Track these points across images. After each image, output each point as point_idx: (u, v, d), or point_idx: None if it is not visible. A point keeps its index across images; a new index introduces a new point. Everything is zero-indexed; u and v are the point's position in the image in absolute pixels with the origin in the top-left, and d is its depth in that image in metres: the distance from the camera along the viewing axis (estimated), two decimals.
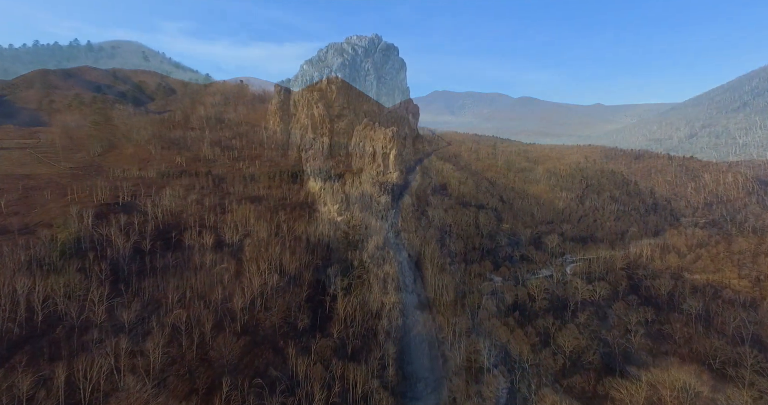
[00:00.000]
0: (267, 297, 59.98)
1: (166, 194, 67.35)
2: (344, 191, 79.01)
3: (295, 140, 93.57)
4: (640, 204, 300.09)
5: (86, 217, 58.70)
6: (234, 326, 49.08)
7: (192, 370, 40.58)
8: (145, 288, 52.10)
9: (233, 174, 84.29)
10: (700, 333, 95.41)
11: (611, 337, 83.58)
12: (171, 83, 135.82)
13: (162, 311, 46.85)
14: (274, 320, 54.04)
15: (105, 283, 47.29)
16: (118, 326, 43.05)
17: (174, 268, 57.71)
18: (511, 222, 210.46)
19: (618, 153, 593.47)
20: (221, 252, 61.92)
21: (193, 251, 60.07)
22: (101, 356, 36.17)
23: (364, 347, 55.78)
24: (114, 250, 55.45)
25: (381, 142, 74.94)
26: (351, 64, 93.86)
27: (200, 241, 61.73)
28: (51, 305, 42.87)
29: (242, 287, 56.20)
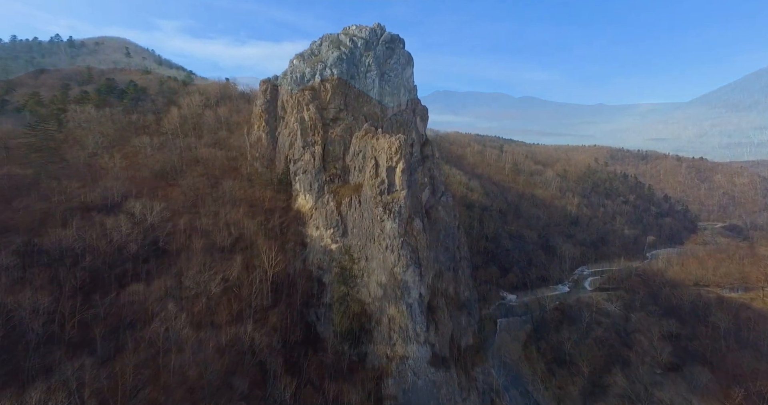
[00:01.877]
0: (237, 353, 46.03)
1: (98, 226, 52.92)
2: (340, 212, 64.78)
3: (283, 148, 79.27)
4: (654, 208, 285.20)
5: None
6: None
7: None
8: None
9: (204, 191, 69.95)
10: (733, 350, 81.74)
11: (641, 364, 73.86)
12: (148, 81, 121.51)
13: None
14: (246, 388, 42.14)
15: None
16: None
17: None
18: (523, 231, 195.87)
19: (624, 154, 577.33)
20: (177, 304, 47.66)
21: (132, 310, 46.03)
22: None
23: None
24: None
25: (385, 152, 60.72)
26: (349, 59, 79.47)
27: (145, 291, 47.60)
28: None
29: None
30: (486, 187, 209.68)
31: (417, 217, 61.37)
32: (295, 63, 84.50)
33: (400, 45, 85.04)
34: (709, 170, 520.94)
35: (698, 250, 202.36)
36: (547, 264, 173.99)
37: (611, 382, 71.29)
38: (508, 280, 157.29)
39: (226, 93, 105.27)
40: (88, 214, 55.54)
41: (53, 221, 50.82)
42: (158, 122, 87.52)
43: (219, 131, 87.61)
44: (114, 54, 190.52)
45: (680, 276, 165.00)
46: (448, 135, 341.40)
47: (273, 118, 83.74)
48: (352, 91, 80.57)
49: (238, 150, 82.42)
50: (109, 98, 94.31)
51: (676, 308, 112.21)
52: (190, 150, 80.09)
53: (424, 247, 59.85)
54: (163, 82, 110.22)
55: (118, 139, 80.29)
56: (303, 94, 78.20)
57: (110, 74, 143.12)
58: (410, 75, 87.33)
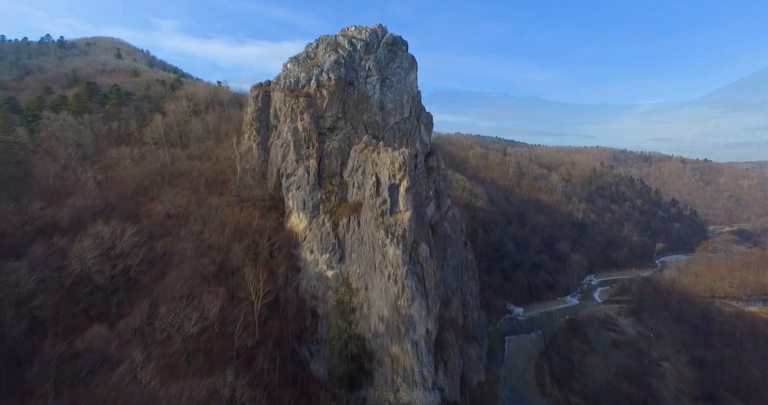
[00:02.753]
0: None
1: (59, 254, 46.20)
2: (337, 235, 58.07)
3: (276, 160, 72.61)
4: (662, 213, 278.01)
5: None
6: None
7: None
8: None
9: (188, 208, 63.21)
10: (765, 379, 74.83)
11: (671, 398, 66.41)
12: (135, 85, 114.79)
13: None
14: None
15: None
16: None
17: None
18: (529, 238, 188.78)
19: (627, 155, 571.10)
20: (146, 348, 40.86)
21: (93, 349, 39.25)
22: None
23: None
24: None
25: (387, 169, 54.04)
26: (347, 63, 72.83)
27: (108, 334, 40.84)
28: None
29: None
30: (490, 193, 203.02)
31: (423, 242, 54.66)
32: (289, 67, 77.81)
33: (403, 47, 78.34)
34: (714, 172, 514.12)
35: (710, 258, 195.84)
36: (554, 273, 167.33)
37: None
38: (514, 292, 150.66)
39: (217, 97, 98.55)
40: (48, 239, 48.83)
41: (3, 250, 44.15)
42: (141, 130, 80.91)
43: (207, 140, 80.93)
44: (104, 55, 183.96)
45: (695, 287, 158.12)
46: (450, 137, 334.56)
47: (265, 126, 77.09)
48: (351, 97, 73.89)
49: (227, 162, 75.73)
50: (90, 104, 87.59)
51: (697, 327, 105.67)
52: (174, 162, 73.44)
53: (432, 276, 53.14)
54: (150, 86, 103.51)
55: (95, 150, 73.64)
56: (297, 101, 71.52)
57: (98, 76, 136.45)
58: (414, 80, 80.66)
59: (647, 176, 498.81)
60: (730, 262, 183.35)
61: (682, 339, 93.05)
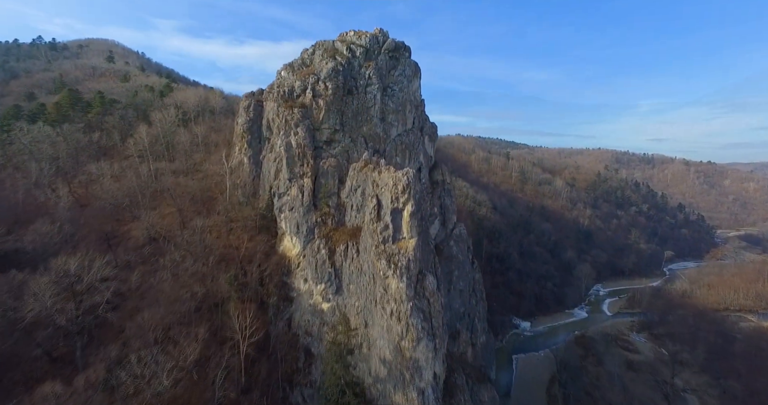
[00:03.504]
0: None
1: (14, 292, 40.33)
2: (333, 263, 52.24)
3: (268, 175, 66.82)
4: (669, 219, 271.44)
5: None
6: None
7: None
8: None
9: (171, 231, 57.39)
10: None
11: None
12: (124, 91, 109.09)
13: None
14: None
15: None
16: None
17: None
18: (534, 248, 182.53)
19: (629, 157, 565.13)
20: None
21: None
22: None
23: None
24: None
25: (389, 191, 48.27)
26: (346, 70, 67.14)
27: (64, 391, 35.02)
28: None
29: None
30: (493, 200, 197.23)
31: (430, 273, 48.81)
32: (283, 75, 72.05)
33: (406, 54, 72.58)
34: (718, 174, 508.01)
35: (721, 267, 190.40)
36: (561, 285, 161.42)
37: None
38: (520, 305, 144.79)
39: (208, 104, 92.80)
40: (5, 273, 43.04)
41: None
42: (125, 142, 75.25)
43: (194, 153, 75.22)
44: (96, 58, 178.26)
45: (708, 299, 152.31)
46: (452, 141, 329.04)
47: (257, 139, 71.33)
48: (350, 108, 68.14)
49: (216, 177, 69.93)
50: (71, 112, 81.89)
51: (717, 348, 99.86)
52: (158, 178, 67.71)
53: (439, 312, 47.29)
54: (138, 92, 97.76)
55: (72, 164, 67.92)
56: (291, 112, 65.76)
57: (86, 81, 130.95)
58: (417, 88, 74.92)
59: (650, 178, 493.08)
60: (742, 271, 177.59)
61: (704, 364, 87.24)
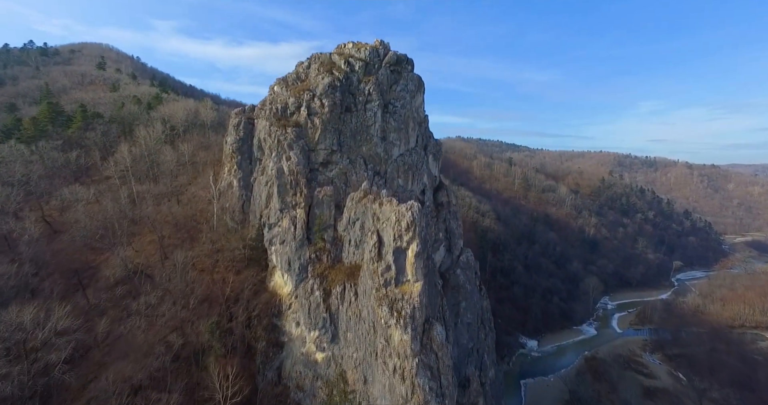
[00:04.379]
0: None
1: None
2: (329, 306, 46.52)
3: (259, 200, 61.20)
4: (676, 226, 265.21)
5: None
6: None
7: None
8: None
9: (149, 267, 51.72)
10: None
11: None
12: (112, 101, 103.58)
13: None
14: None
15: None
16: None
17: None
18: (539, 259, 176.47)
19: (631, 160, 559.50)
20: None
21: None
22: None
23: None
24: None
25: (392, 227, 42.67)
26: (344, 86, 61.63)
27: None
28: None
29: None
30: (497, 209, 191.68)
31: (437, 322, 43.08)
32: (276, 90, 66.43)
33: (408, 67, 66.99)
34: (721, 178, 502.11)
35: (733, 278, 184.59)
36: (568, 300, 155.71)
37: None
38: (526, 321, 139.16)
39: (198, 118, 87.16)
40: None
41: None
42: (105, 161, 69.66)
43: (180, 174, 69.57)
44: (88, 64, 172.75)
45: (722, 315, 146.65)
46: (453, 146, 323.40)
47: (247, 159, 65.71)
48: (348, 126, 62.58)
49: (202, 201, 64.24)
50: (50, 127, 76.30)
51: (740, 374, 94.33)
52: (139, 203, 62.10)
53: (449, 368, 41.57)
54: (124, 104, 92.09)
55: (46, 187, 62.29)
56: (285, 131, 60.19)
57: (73, 90, 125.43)
58: (420, 104, 69.34)
59: (653, 182, 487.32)
60: (755, 284, 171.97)
61: (728, 394, 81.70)
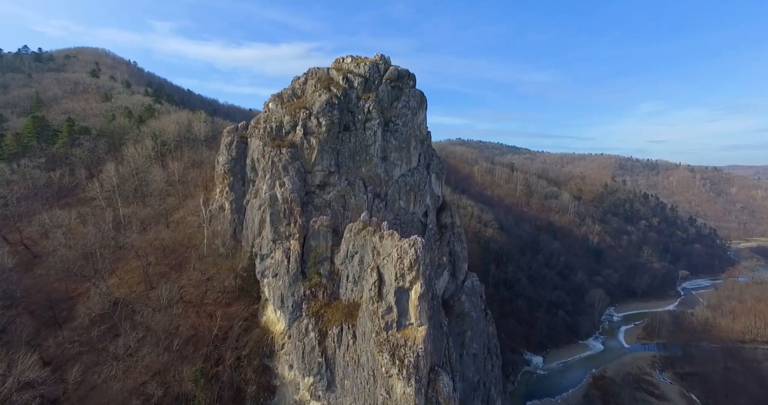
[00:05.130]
0: None
1: None
2: (325, 350, 42.76)
3: (252, 225, 57.55)
4: (680, 233, 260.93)
5: None
6: None
7: None
8: None
9: (131, 301, 48.01)
10: None
11: None
12: (103, 113, 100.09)
13: None
14: None
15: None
16: None
17: None
18: (543, 270, 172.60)
19: (633, 163, 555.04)
20: None
21: None
22: None
23: None
24: None
25: (393, 265, 39.05)
26: (342, 104, 58.12)
27: None
28: None
29: None
30: (500, 218, 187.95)
31: (444, 371, 39.33)
32: (271, 107, 62.84)
33: (410, 83, 63.40)
34: (724, 182, 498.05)
35: (741, 289, 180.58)
36: (573, 313, 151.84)
37: None
38: (531, 336, 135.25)
39: (191, 132, 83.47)
40: None
41: None
42: (90, 181, 65.96)
43: (169, 195, 65.88)
44: (82, 70, 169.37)
45: (732, 328, 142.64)
46: (454, 151, 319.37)
47: (240, 181, 62.11)
48: (346, 146, 58.99)
49: (191, 225, 60.57)
50: (34, 143, 72.70)
51: (759, 398, 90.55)
52: (124, 228, 58.43)
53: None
54: (114, 117, 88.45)
55: (26, 211, 58.65)
56: (279, 152, 56.60)
57: (65, 100, 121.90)
58: (422, 121, 65.77)
59: (655, 185, 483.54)
60: (764, 295, 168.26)
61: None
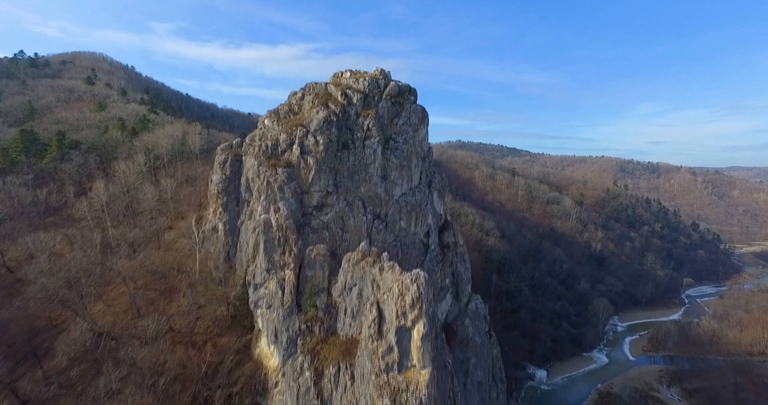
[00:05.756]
0: None
1: None
2: (321, 391, 40.00)
3: (246, 248, 54.90)
4: (684, 239, 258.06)
5: None
6: None
7: None
8: None
9: (114, 332, 45.34)
10: None
11: None
12: (96, 124, 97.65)
13: None
14: None
15: None
16: None
17: None
18: (546, 280, 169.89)
19: (634, 166, 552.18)
20: None
21: None
22: None
23: None
24: None
25: (394, 302, 36.45)
26: (341, 121, 55.56)
27: None
28: None
29: None
30: (501, 226, 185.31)
31: None
32: (266, 124, 60.21)
33: (411, 98, 60.78)
34: (726, 185, 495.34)
35: (747, 298, 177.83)
36: (576, 323, 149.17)
37: None
38: (534, 349, 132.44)
39: (185, 147, 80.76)
40: None
41: None
42: (79, 199, 63.31)
43: (161, 215, 63.17)
44: (78, 76, 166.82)
45: (740, 340, 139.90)
46: (455, 156, 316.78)
47: (234, 201, 59.45)
48: (345, 165, 56.38)
49: (183, 248, 57.90)
50: (23, 157, 70.04)
51: None
52: (112, 251, 55.76)
53: None
54: (108, 129, 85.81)
55: (8, 233, 55.98)
56: (275, 172, 53.99)
57: (57, 109, 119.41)
58: (424, 136, 63.14)
59: (657, 188, 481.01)
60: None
61: None
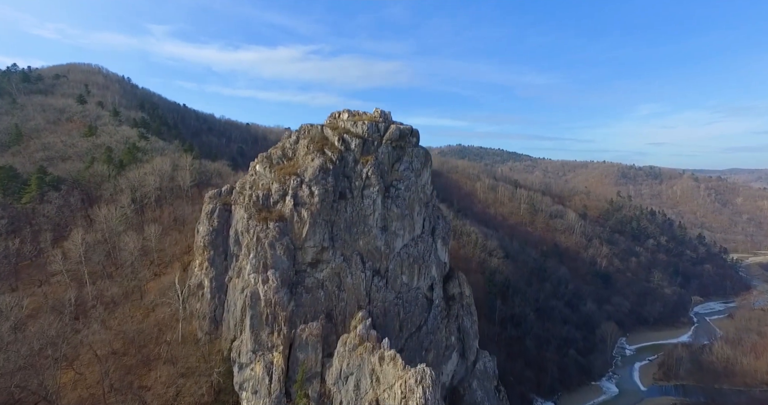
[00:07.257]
0: None
1: None
2: None
3: (233, 309, 50.27)
4: (690, 252, 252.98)
5: None
6: None
7: None
8: None
9: (90, 399, 40.55)
10: None
11: None
12: (83, 152, 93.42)
13: None
14: None
15: None
16: None
17: None
18: (551, 302, 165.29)
19: (635, 171, 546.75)
20: None
21: None
22: None
23: None
24: None
25: (395, 394, 31.70)
26: (338, 168, 51.25)
27: None
28: None
29: None
30: (504, 244, 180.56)
31: None
32: (258, 170, 55.72)
33: (413, 140, 56.37)
34: (729, 192, 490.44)
35: (759, 319, 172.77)
36: (584, 350, 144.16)
37: None
38: (541, 379, 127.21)
39: (174, 182, 76.07)
40: None
41: None
42: (55, 248, 58.70)
43: (142, 269, 58.47)
44: (71, 93, 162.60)
45: (756, 368, 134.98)
46: (456, 166, 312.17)
47: (222, 255, 54.89)
48: (342, 217, 51.89)
49: (165, 308, 53.22)
50: (13, 187, 65.39)
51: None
52: (86, 313, 51.10)
53: None
54: (94, 161, 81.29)
55: None
56: (266, 226, 49.50)
57: (46, 132, 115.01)
58: (427, 181, 58.68)
59: (659, 195, 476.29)
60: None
61: None
